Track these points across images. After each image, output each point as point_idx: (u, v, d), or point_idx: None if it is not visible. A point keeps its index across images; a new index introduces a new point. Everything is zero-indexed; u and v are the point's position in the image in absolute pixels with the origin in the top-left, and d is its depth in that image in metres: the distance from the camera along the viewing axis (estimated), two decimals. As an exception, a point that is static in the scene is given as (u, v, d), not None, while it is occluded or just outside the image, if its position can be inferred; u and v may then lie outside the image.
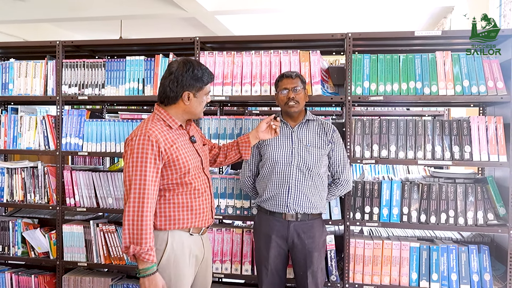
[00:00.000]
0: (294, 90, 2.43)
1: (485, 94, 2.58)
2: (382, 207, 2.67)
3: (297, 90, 2.43)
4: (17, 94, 3.12)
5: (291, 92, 2.43)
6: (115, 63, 2.98)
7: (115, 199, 2.99)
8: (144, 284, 1.92)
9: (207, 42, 2.96)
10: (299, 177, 2.42)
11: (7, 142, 3.15)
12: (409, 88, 2.65)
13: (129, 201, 1.91)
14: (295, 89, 2.43)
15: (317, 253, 2.43)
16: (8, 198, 3.16)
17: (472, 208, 2.59)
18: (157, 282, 1.93)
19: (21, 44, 3.39)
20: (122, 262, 2.95)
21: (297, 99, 2.43)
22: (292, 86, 2.43)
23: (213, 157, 2.48)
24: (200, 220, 2.11)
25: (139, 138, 1.95)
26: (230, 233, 2.83)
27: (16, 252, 3.15)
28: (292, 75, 2.47)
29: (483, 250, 2.59)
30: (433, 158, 2.62)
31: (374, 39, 2.82)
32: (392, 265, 2.66)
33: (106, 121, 3.01)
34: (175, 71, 2.05)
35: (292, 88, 2.43)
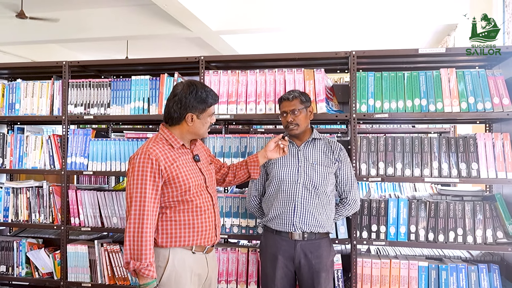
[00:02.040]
0: (292, 112, 2.42)
1: (491, 111, 2.57)
2: (389, 225, 2.63)
3: (295, 112, 2.41)
4: (24, 114, 3.15)
5: (289, 115, 2.42)
6: (121, 82, 3.00)
7: (120, 218, 2.97)
8: None
9: (212, 61, 2.98)
10: (305, 196, 2.40)
11: (13, 161, 3.16)
12: (414, 105, 2.64)
13: (129, 217, 1.96)
14: (293, 111, 2.42)
15: (324, 274, 2.38)
16: (13, 218, 3.16)
17: (481, 226, 2.55)
18: None
19: (27, 64, 3.42)
20: (127, 282, 2.92)
21: (297, 121, 2.42)
22: (290, 109, 2.42)
23: (222, 176, 2.48)
24: (203, 238, 2.10)
25: (139, 157, 2.01)
26: (235, 252, 2.80)
27: (20, 273, 3.13)
28: (289, 98, 2.45)
29: (493, 269, 2.54)
30: (440, 176, 2.60)
31: (378, 56, 2.83)
32: (401, 285, 2.61)
33: (111, 140, 3.02)
34: (179, 92, 2.09)
35: (290, 111, 2.42)
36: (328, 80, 2.94)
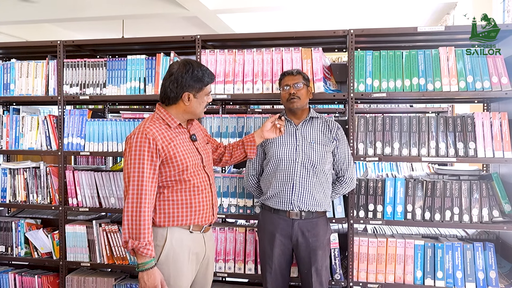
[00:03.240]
0: (295, 86, 2.43)
1: (490, 90, 2.56)
2: (386, 204, 2.65)
3: (298, 86, 2.43)
4: (19, 94, 3.12)
5: (292, 88, 2.43)
6: (117, 62, 2.97)
7: (118, 198, 2.98)
8: (143, 278, 1.96)
9: (209, 40, 2.94)
10: (303, 174, 2.41)
11: (9, 142, 3.14)
12: (412, 84, 2.63)
13: (127, 197, 1.96)
14: (296, 85, 2.43)
15: (321, 251, 2.42)
16: (11, 199, 3.16)
17: (477, 205, 2.57)
18: (155, 276, 1.96)
19: (22, 44, 3.39)
20: (125, 262, 2.94)
21: (299, 95, 2.42)
22: (293, 83, 2.44)
23: (219, 156, 2.49)
24: (200, 217, 2.11)
25: (136, 136, 2.00)
26: (233, 232, 2.82)
27: (19, 253, 3.15)
28: (294, 72, 2.48)
29: (489, 247, 2.57)
30: (437, 155, 2.60)
31: (376, 35, 2.80)
32: (397, 263, 2.64)
33: (107, 120, 3.00)
34: (175, 72, 2.07)
35: (293, 84, 2.43)
36: (326, 59, 2.91)
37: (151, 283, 1.95)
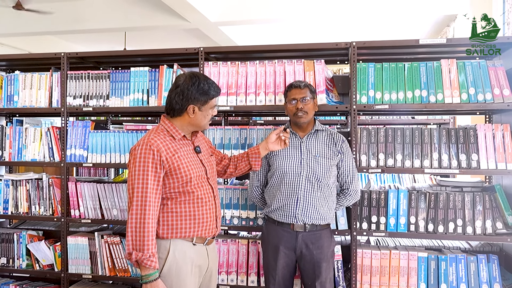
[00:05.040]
0: (302, 100, 2.42)
1: (491, 102, 2.56)
2: (389, 216, 2.64)
3: (305, 100, 2.42)
4: (22, 106, 3.13)
5: (300, 102, 2.42)
6: (120, 74, 2.99)
7: (120, 210, 2.97)
8: None
9: (211, 52, 2.96)
10: (307, 189, 2.40)
11: (12, 154, 3.15)
12: (415, 96, 2.64)
13: (131, 208, 1.96)
14: (303, 99, 2.42)
15: (325, 264, 2.40)
16: (13, 210, 3.15)
17: (480, 217, 2.56)
18: None
19: (26, 56, 3.41)
20: (127, 274, 2.93)
21: (306, 109, 2.41)
22: (300, 97, 2.42)
23: (223, 168, 2.48)
24: (204, 229, 2.10)
25: (141, 148, 2.00)
26: (235, 244, 2.81)
27: (20, 265, 3.14)
28: (301, 85, 2.45)
29: (492, 259, 2.56)
30: (440, 167, 2.60)
31: (378, 47, 2.81)
32: (400, 276, 2.62)
33: (110, 132, 3.00)
34: (181, 84, 2.08)
35: (300, 99, 2.42)
36: (328, 71, 2.93)
37: None
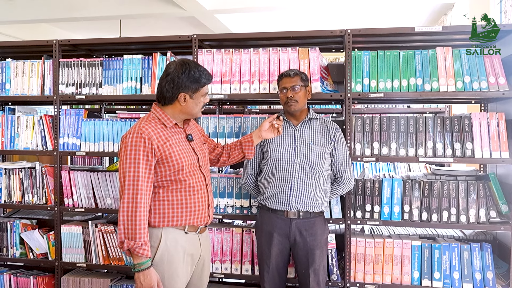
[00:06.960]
0: (292, 89, 2.41)
1: (487, 90, 2.55)
2: (383, 205, 2.64)
3: (295, 89, 2.41)
4: (14, 94, 3.10)
5: (290, 91, 2.41)
6: (113, 62, 2.95)
7: (114, 199, 2.96)
8: (139, 278, 1.95)
9: (205, 40, 2.93)
10: (301, 175, 2.40)
11: (4, 142, 3.12)
12: (410, 84, 2.62)
13: (123, 197, 1.95)
14: (293, 88, 2.41)
15: (319, 251, 2.41)
16: (6, 199, 3.14)
17: (474, 206, 2.56)
18: (151, 277, 1.95)
19: (18, 43, 3.36)
20: (121, 262, 2.93)
21: (296, 98, 2.41)
22: (290, 85, 2.42)
23: (216, 156, 2.47)
24: (196, 218, 2.10)
25: (132, 136, 1.98)
26: (229, 232, 2.81)
27: (14, 253, 3.13)
28: (291, 74, 2.45)
29: (486, 248, 2.57)
30: (435, 155, 2.59)
31: (374, 35, 2.79)
32: (394, 264, 2.63)
33: (104, 120, 2.98)
34: (171, 72, 2.05)
35: (290, 87, 2.42)
36: (323, 59, 2.91)
37: (147, 283, 1.94)
